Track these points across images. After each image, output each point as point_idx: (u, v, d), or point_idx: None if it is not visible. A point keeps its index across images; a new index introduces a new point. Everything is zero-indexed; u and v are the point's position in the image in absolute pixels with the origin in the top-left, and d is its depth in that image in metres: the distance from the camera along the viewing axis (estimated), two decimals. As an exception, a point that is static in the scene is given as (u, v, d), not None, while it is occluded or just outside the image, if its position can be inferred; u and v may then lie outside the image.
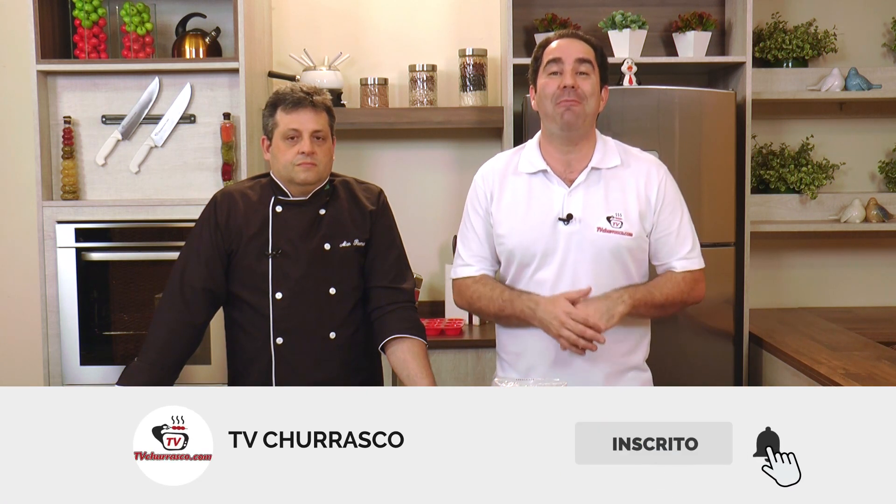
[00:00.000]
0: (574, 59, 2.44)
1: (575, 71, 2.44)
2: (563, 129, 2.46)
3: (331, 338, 2.55)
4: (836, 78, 4.15)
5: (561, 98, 2.43)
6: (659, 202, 2.51)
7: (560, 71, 2.45)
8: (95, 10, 3.79)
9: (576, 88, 2.43)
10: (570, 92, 2.42)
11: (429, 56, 4.19)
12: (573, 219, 2.46)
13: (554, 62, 2.46)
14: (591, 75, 2.46)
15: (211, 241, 2.54)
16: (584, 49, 2.47)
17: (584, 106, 2.44)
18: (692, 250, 2.55)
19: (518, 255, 2.51)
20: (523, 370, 2.54)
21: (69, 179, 3.76)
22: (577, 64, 2.44)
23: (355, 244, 2.58)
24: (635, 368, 2.57)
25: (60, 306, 3.74)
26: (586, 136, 2.51)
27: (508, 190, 2.54)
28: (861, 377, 3.01)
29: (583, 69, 2.45)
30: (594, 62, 2.48)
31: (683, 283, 2.52)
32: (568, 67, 2.44)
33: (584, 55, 2.46)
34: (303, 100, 2.51)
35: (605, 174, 2.50)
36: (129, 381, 2.44)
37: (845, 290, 4.46)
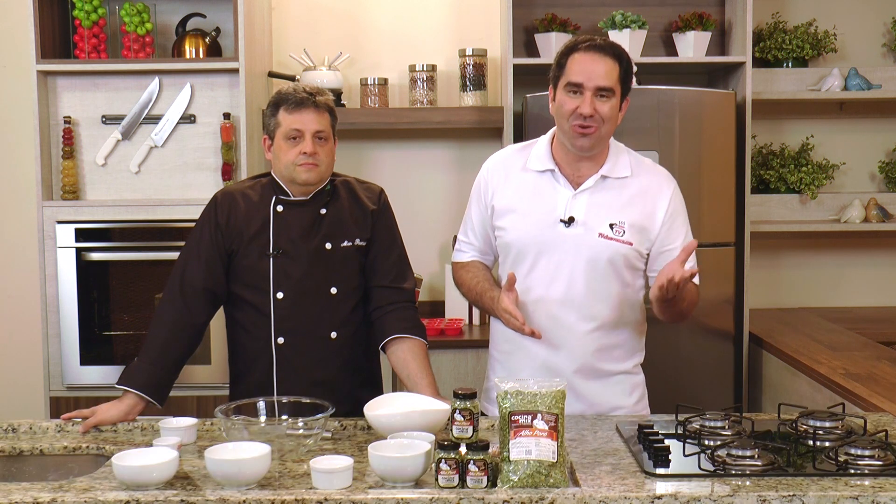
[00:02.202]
0: (595, 87, 2.37)
1: (595, 94, 2.38)
2: (576, 150, 2.45)
3: (332, 337, 2.55)
4: (836, 78, 4.15)
5: (576, 123, 2.39)
6: (668, 218, 2.50)
7: (580, 92, 2.39)
8: (95, 10, 3.79)
9: (594, 116, 2.37)
10: (588, 119, 2.37)
11: (429, 56, 4.19)
12: (575, 222, 2.46)
13: (574, 85, 2.39)
14: (611, 97, 2.40)
15: (211, 241, 2.54)
16: (607, 71, 2.38)
17: (600, 130, 2.40)
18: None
19: (514, 250, 2.52)
20: (512, 369, 2.55)
21: (69, 179, 3.76)
22: (597, 90, 2.38)
23: (356, 244, 2.57)
24: (626, 372, 2.57)
25: (60, 306, 3.73)
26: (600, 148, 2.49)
27: (514, 184, 2.54)
28: (861, 377, 3.01)
29: (604, 93, 2.39)
30: (617, 83, 2.40)
31: (696, 293, 2.52)
32: (588, 94, 2.37)
33: (605, 82, 2.37)
34: (306, 100, 2.50)
35: (613, 183, 2.49)
36: (129, 381, 2.44)
37: (845, 290, 4.47)
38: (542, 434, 1.88)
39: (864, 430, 2.21)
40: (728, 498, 1.84)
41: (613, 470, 1.99)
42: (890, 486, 1.87)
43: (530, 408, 1.89)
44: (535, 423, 1.88)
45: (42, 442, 2.31)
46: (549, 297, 2.47)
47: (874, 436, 2.13)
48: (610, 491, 1.86)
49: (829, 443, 2.12)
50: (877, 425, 2.29)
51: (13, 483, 2.01)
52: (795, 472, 1.94)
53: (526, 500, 1.84)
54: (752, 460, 1.97)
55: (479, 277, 2.61)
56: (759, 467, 1.95)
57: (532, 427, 1.88)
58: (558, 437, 1.89)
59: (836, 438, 2.14)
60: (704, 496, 1.84)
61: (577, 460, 2.05)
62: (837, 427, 2.20)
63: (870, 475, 1.93)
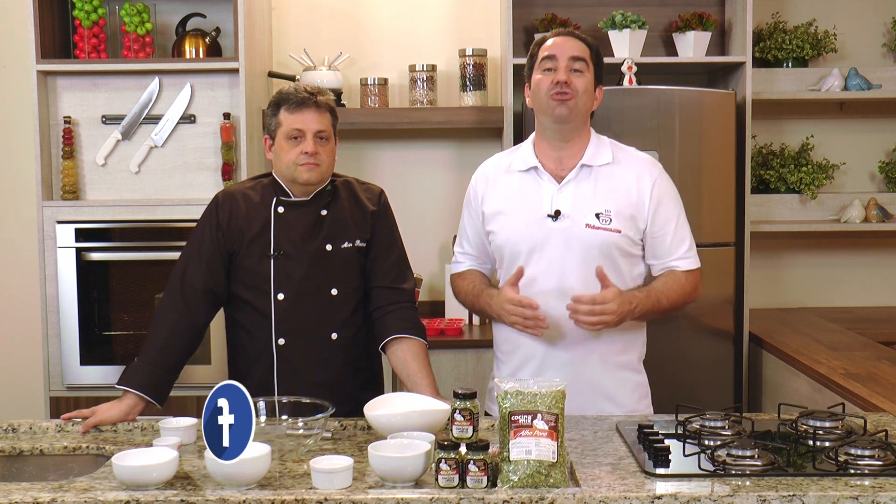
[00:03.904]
0: (568, 57, 2.47)
1: (569, 68, 2.46)
2: (555, 121, 2.49)
3: (332, 338, 2.55)
4: (836, 78, 4.15)
5: (553, 91, 2.45)
6: (654, 201, 2.51)
7: (554, 67, 2.47)
8: (95, 10, 3.79)
9: (569, 84, 2.45)
10: (563, 86, 2.45)
11: (429, 56, 4.19)
12: (561, 215, 2.47)
13: (548, 59, 2.48)
14: (585, 73, 2.48)
15: (212, 242, 2.54)
16: (578, 47, 2.50)
17: (577, 100, 2.46)
18: (689, 249, 2.56)
19: (507, 250, 2.54)
20: (515, 368, 2.56)
21: (69, 179, 3.76)
22: (571, 61, 2.47)
23: (357, 245, 2.57)
24: (629, 370, 2.57)
25: (60, 306, 3.73)
26: (579, 132, 2.52)
27: (500, 188, 2.57)
28: (861, 377, 3.01)
29: (577, 66, 2.47)
30: (589, 60, 2.50)
31: (687, 284, 2.52)
32: (562, 64, 2.46)
33: (578, 53, 2.48)
34: (307, 100, 2.50)
35: (596, 171, 2.51)
36: (129, 381, 2.44)
37: (845, 290, 4.47)
38: (542, 434, 1.88)
39: (864, 430, 2.21)
40: (728, 498, 1.84)
41: (613, 470, 1.99)
42: (890, 486, 1.87)
43: (530, 408, 1.89)
44: (535, 423, 1.88)
45: (42, 442, 2.31)
46: (545, 293, 2.47)
47: (874, 436, 2.13)
48: (610, 491, 1.86)
49: (829, 443, 2.12)
50: (877, 425, 2.29)
51: (13, 483, 2.01)
52: (795, 472, 1.94)
53: (526, 500, 1.84)
54: (752, 460, 1.97)
55: (476, 282, 2.65)
56: (759, 467, 1.95)
57: (532, 427, 1.88)
58: (558, 437, 1.89)
59: (836, 438, 2.14)
60: (704, 496, 1.84)
61: (577, 460, 2.05)
62: (837, 427, 2.20)
63: (870, 475, 1.93)
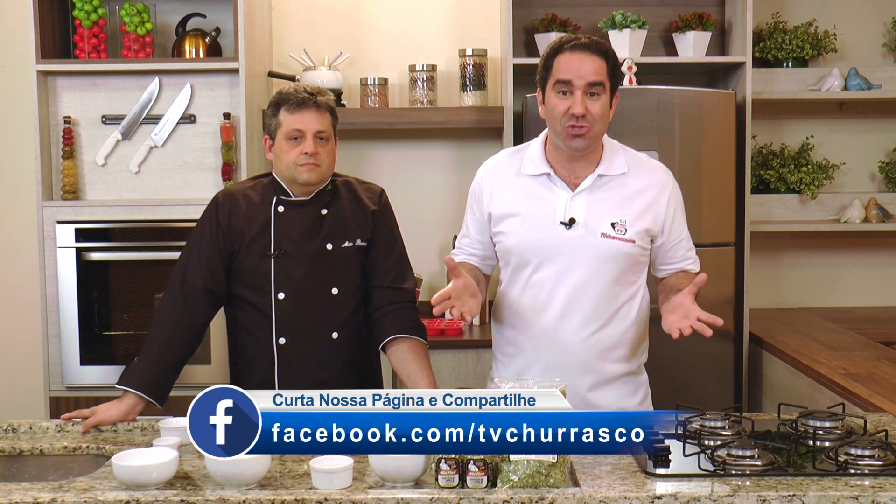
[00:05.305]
0: (585, 83, 2.35)
1: (586, 93, 2.35)
2: (570, 150, 2.42)
3: (333, 338, 2.55)
4: (836, 78, 4.15)
5: (569, 124, 2.36)
6: (670, 214, 2.49)
7: (570, 91, 2.36)
8: (95, 10, 3.79)
9: (586, 115, 2.35)
10: (580, 119, 2.35)
11: (429, 56, 4.19)
12: (576, 223, 2.44)
13: (563, 83, 2.36)
14: (602, 95, 2.37)
15: (212, 242, 2.54)
16: (595, 69, 2.35)
17: (593, 129, 2.37)
18: (692, 250, 2.60)
19: (515, 255, 2.49)
20: (517, 371, 2.54)
21: (69, 179, 3.76)
22: (587, 86, 2.35)
23: (357, 244, 2.57)
24: (631, 373, 2.57)
25: (60, 306, 3.73)
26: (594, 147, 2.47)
27: (510, 190, 2.51)
28: (861, 377, 3.01)
29: (594, 90, 2.36)
30: (606, 79, 2.37)
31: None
32: (578, 93, 2.34)
33: (595, 77, 2.34)
34: (307, 100, 2.50)
35: (610, 181, 2.46)
36: (129, 381, 2.44)
37: (845, 290, 4.47)
38: (542, 434, 1.88)
39: (864, 430, 2.21)
40: (728, 498, 1.84)
41: (613, 470, 1.99)
42: (890, 486, 1.87)
43: (530, 408, 1.89)
44: (536, 423, 1.88)
45: (42, 442, 2.31)
46: (554, 300, 2.45)
47: (874, 436, 2.13)
48: (610, 491, 1.86)
49: (829, 443, 2.12)
50: (877, 425, 2.29)
51: (13, 483, 2.02)
52: (795, 472, 1.95)
53: (526, 500, 1.84)
54: (752, 460, 1.97)
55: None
56: (759, 467, 1.95)
57: (532, 427, 1.88)
58: (558, 437, 1.89)
59: (836, 438, 2.14)
60: (704, 496, 1.84)
61: (577, 460, 2.04)
62: (837, 427, 2.20)
63: (870, 475, 1.93)
